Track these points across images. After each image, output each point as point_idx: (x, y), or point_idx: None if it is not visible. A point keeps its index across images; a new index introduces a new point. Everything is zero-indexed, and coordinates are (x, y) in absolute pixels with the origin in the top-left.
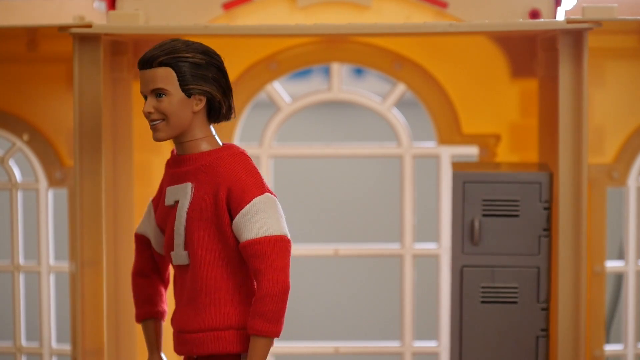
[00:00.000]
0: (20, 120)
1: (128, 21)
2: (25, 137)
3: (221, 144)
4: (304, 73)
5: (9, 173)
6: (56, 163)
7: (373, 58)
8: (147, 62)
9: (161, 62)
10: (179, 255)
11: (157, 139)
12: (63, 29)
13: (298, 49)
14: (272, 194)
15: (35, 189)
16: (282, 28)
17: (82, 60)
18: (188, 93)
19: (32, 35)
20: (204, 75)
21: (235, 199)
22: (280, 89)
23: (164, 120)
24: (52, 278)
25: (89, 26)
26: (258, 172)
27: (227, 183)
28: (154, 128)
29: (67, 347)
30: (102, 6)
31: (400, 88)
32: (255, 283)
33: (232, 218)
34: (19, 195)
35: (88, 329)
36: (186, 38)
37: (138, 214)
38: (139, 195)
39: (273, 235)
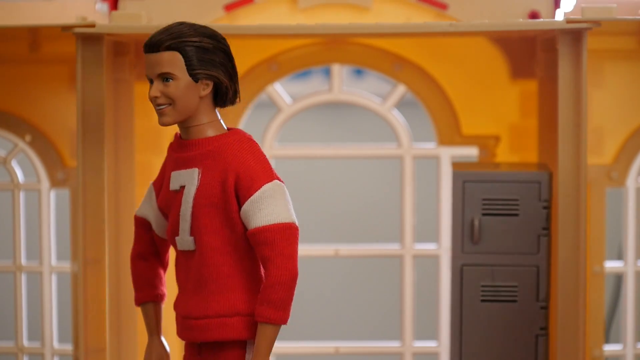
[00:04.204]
0: (22, 121)
1: (131, 21)
2: (28, 137)
3: (226, 128)
4: (305, 74)
5: (12, 174)
6: (58, 164)
7: (373, 59)
8: (153, 46)
9: (168, 46)
10: (185, 240)
11: (162, 124)
12: (66, 28)
13: (299, 51)
14: (280, 180)
15: (37, 189)
16: (283, 28)
17: (85, 60)
18: (195, 78)
19: (35, 36)
20: (211, 60)
21: (243, 185)
22: (281, 90)
23: (170, 104)
24: (53, 278)
25: (92, 26)
26: (266, 158)
27: (235, 169)
28: (160, 112)
29: (69, 347)
30: (105, 7)
31: (400, 89)
32: (262, 270)
33: (240, 205)
34: (21, 195)
35: (90, 328)
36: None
37: None
38: (141, 195)
39: (282, 223)
